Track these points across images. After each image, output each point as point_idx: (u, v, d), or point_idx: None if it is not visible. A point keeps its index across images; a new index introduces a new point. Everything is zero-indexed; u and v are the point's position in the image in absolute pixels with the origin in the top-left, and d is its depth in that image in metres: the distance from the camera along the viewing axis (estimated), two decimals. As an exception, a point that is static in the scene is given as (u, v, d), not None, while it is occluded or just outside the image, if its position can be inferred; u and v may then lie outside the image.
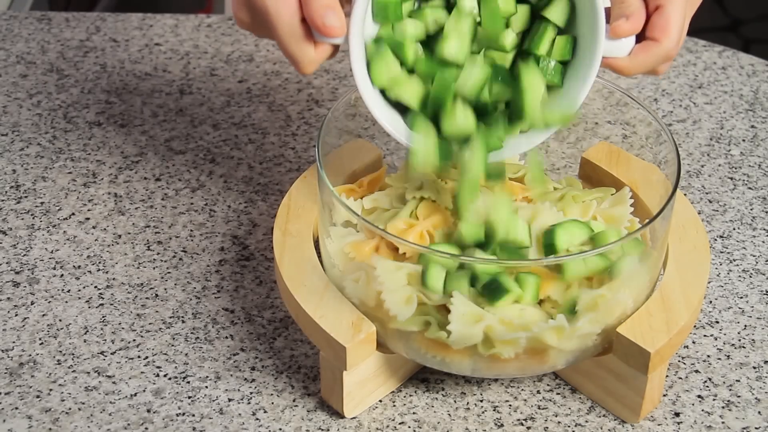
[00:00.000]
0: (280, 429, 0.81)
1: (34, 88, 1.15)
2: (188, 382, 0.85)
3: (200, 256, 0.95)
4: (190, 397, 0.84)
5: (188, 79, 1.16)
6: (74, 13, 1.26)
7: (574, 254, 0.77)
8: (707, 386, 0.85)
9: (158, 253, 0.96)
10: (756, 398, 0.84)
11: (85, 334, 0.88)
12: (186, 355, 0.87)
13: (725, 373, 0.86)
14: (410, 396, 0.84)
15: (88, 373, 0.85)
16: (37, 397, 0.84)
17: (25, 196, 1.01)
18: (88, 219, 0.99)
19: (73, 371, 0.85)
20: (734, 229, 0.98)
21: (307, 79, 1.16)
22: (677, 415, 0.83)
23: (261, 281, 0.93)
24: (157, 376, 0.85)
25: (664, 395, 0.84)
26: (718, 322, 0.90)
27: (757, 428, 0.82)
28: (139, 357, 0.87)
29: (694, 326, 0.89)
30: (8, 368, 0.86)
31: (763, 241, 0.97)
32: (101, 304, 0.91)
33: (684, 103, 1.13)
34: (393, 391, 0.84)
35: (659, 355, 0.77)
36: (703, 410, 0.83)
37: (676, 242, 0.84)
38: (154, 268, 0.94)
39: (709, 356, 0.87)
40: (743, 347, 0.88)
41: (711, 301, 0.92)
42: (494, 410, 0.83)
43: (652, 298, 0.80)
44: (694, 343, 0.88)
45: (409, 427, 0.82)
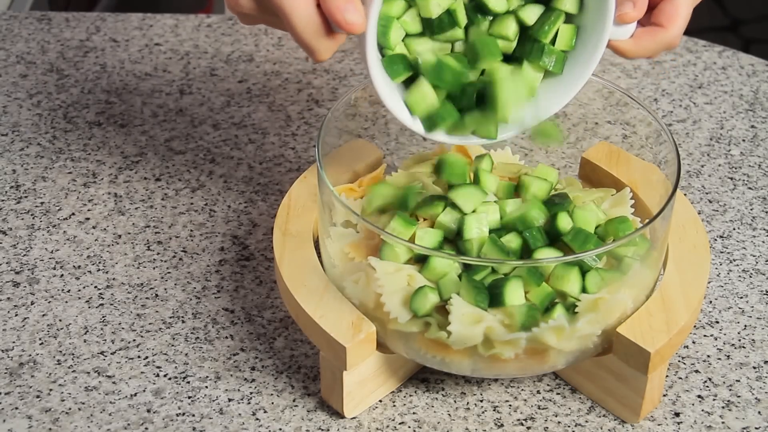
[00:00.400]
0: (280, 429, 0.81)
1: (34, 88, 1.15)
2: (188, 382, 0.85)
3: (200, 256, 0.95)
4: (190, 397, 0.84)
5: (188, 79, 1.16)
6: (74, 13, 1.26)
7: (577, 254, 0.77)
8: (707, 386, 0.85)
9: (158, 253, 0.96)
10: (756, 398, 0.84)
11: (85, 334, 0.88)
12: (186, 355, 0.87)
13: (725, 373, 0.86)
14: (410, 396, 0.84)
15: (88, 373, 0.85)
16: (37, 397, 0.84)
17: (25, 196, 1.01)
18: (88, 219, 0.99)
19: (73, 371, 0.85)
20: (734, 229, 0.98)
21: (307, 79, 1.16)
22: (677, 415, 0.83)
23: (261, 281, 0.93)
24: (157, 376, 0.85)
25: (664, 395, 0.84)
26: (718, 322, 0.90)
27: (757, 428, 0.82)
28: (139, 357, 0.87)
29: (694, 326, 0.89)
30: (8, 368, 0.86)
31: (763, 241, 0.97)
32: (101, 304, 0.91)
33: (684, 103, 1.13)
34: (393, 391, 0.84)
35: (659, 355, 0.77)
36: (703, 410, 0.83)
37: (676, 242, 0.84)
38: (154, 268, 0.94)
39: (709, 356, 0.87)
40: (743, 347, 0.88)
41: (711, 301, 0.91)
42: (494, 410, 0.83)
43: (652, 298, 0.80)
44: (694, 343, 0.88)
45: (409, 427, 0.82)
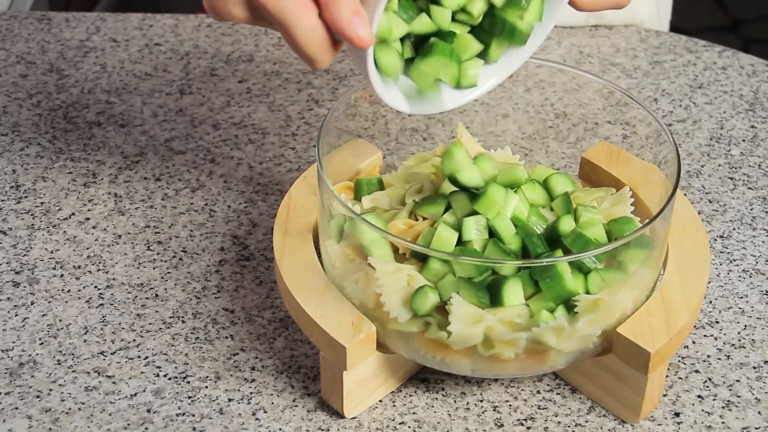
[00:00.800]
0: (280, 429, 0.81)
1: (34, 88, 1.15)
2: (188, 382, 0.85)
3: (200, 256, 0.95)
4: (190, 397, 0.84)
5: (188, 79, 1.16)
6: (74, 13, 1.26)
7: (577, 255, 0.77)
8: (707, 386, 0.85)
9: (158, 253, 0.96)
10: (756, 398, 0.84)
11: (85, 334, 0.88)
12: (186, 355, 0.87)
13: (725, 373, 0.86)
14: (410, 396, 0.84)
15: (88, 373, 0.85)
16: (37, 397, 0.84)
17: (25, 196, 1.01)
18: (88, 219, 0.99)
19: (73, 371, 0.85)
20: (734, 229, 0.98)
21: (307, 79, 1.16)
22: (677, 415, 0.83)
23: (261, 281, 0.93)
24: (157, 376, 0.85)
25: (664, 395, 0.84)
26: (718, 322, 0.90)
27: (757, 428, 0.82)
28: (139, 357, 0.87)
29: (694, 326, 0.89)
30: (8, 368, 0.86)
31: (763, 241, 0.97)
32: (101, 304, 0.91)
33: (684, 103, 1.13)
34: (393, 391, 0.84)
35: (659, 355, 0.77)
36: (703, 410, 0.83)
37: (676, 242, 0.84)
38: (154, 268, 0.94)
39: (709, 356, 0.87)
40: (743, 347, 0.88)
41: (711, 301, 0.91)
42: (494, 410, 0.83)
43: (652, 298, 0.80)
44: (694, 343, 0.88)
45: (409, 427, 0.82)
